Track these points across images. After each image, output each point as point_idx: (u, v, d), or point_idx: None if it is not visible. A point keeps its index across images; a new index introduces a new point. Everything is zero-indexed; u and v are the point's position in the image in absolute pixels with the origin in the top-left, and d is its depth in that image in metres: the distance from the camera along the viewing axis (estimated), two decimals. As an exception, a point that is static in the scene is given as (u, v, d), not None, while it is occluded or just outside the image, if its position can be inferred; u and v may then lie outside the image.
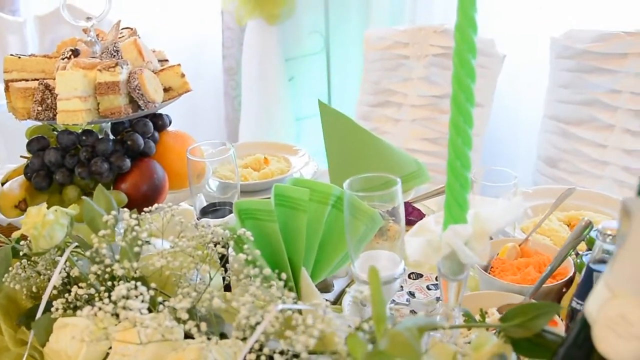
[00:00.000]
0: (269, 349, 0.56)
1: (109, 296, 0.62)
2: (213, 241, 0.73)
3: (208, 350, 0.59)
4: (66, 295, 0.73)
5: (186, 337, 0.64)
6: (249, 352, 0.55)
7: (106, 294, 0.65)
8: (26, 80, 1.06)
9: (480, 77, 2.10)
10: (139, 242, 0.71)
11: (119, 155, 1.03)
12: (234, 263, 0.70)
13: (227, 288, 0.81)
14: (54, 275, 0.75)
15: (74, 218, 0.83)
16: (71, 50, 1.02)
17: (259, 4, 2.60)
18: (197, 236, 0.74)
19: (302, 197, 0.80)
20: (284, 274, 0.67)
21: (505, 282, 0.89)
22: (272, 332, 0.57)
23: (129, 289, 0.61)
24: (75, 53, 1.02)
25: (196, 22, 2.98)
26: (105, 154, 1.02)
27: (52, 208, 0.78)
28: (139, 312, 0.60)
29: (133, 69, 1.01)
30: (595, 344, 0.44)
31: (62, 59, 1.02)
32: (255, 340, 0.55)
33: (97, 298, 0.68)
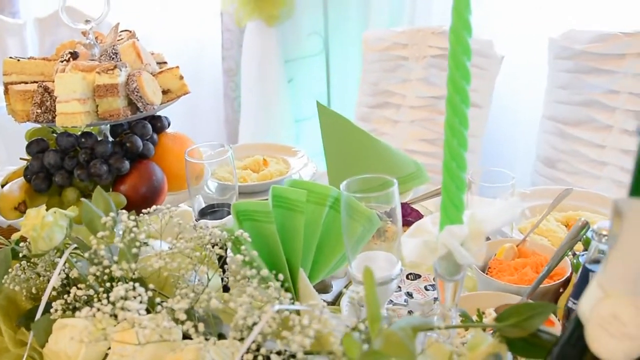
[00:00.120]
0: (266, 349, 0.56)
1: (108, 297, 0.62)
2: (211, 242, 0.74)
3: (206, 350, 0.60)
4: (65, 296, 0.73)
5: (184, 338, 0.65)
6: (246, 352, 0.55)
7: (105, 295, 0.65)
8: (25, 82, 1.06)
9: (478, 78, 2.11)
10: (137, 244, 0.71)
11: (118, 157, 1.03)
12: (232, 264, 0.71)
13: (226, 289, 0.81)
14: (53, 276, 0.75)
15: (73, 220, 0.84)
16: (70, 52, 1.03)
17: (258, 6, 2.60)
18: (195, 237, 0.74)
19: (300, 199, 0.81)
20: (281, 275, 0.67)
21: (502, 283, 0.89)
22: (269, 333, 0.57)
23: (127, 290, 0.61)
24: (74, 56, 1.02)
25: (196, 24, 2.99)
26: (104, 156, 1.02)
27: (51, 210, 0.79)
28: (137, 313, 0.60)
29: (132, 72, 1.01)
30: (588, 343, 0.45)
31: (61, 62, 1.03)
32: (252, 340, 0.55)
33: (96, 299, 0.69)
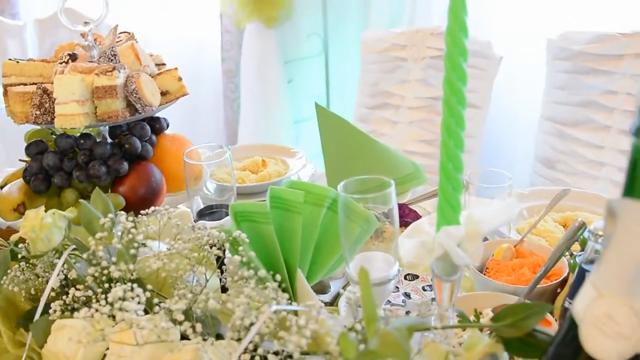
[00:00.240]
0: (264, 350, 0.57)
1: (106, 298, 0.63)
2: (209, 243, 0.74)
3: (204, 351, 0.60)
4: (64, 297, 0.73)
5: (182, 338, 0.65)
6: (244, 353, 0.56)
7: (103, 296, 0.65)
8: (24, 84, 1.07)
9: (477, 79, 2.11)
10: (135, 245, 0.71)
11: (117, 158, 1.04)
12: (230, 265, 0.71)
13: (224, 290, 0.81)
14: (52, 277, 0.75)
15: (72, 221, 0.84)
16: (69, 54, 1.03)
17: (257, 7, 2.61)
18: (194, 238, 0.74)
19: (298, 200, 0.81)
20: (279, 276, 0.67)
21: (500, 283, 0.89)
22: (267, 333, 0.57)
23: (125, 291, 0.62)
24: (73, 57, 1.03)
25: (195, 25, 2.99)
26: (103, 158, 1.03)
27: (50, 211, 0.79)
28: (135, 314, 0.61)
29: (130, 73, 1.01)
30: (582, 343, 0.45)
31: (60, 63, 1.03)
32: (249, 340, 0.55)
33: (95, 300, 0.69)
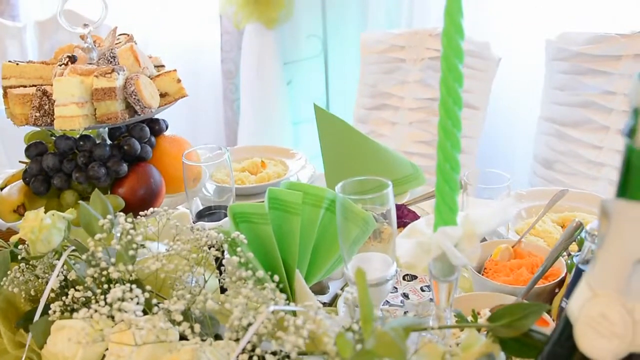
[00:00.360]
0: (262, 350, 0.57)
1: (105, 299, 0.63)
2: (208, 244, 0.74)
3: (202, 351, 0.60)
4: (63, 298, 0.73)
5: (181, 339, 0.66)
6: (242, 353, 0.56)
7: (102, 297, 0.66)
8: (24, 86, 1.07)
9: (475, 80, 2.11)
10: (134, 246, 0.72)
11: (116, 160, 1.04)
12: (228, 265, 0.71)
13: (223, 290, 0.82)
14: (52, 278, 0.76)
15: (72, 222, 0.85)
16: (68, 56, 1.04)
17: (257, 8, 2.61)
18: (192, 239, 0.75)
19: (296, 201, 0.81)
20: (277, 276, 0.68)
21: (497, 283, 0.90)
22: (265, 333, 0.58)
23: (124, 292, 0.62)
24: (72, 59, 1.03)
25: (195, 27, 3.00)
26: (102, 159, 1.03)
27: (50, 212, 0.79)
28: (134, 314, 0.61)
29: (129, 75, 1.02)
30: (577, 342, 0.45)
31: (60, 66, 1.03)
32: (247, 341, 0.56)
33: (94, 301, 0.69)
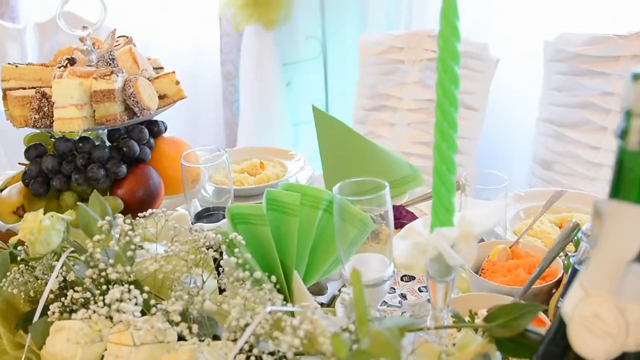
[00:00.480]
0: (259, 350, 0.57)
1: (104, 299, 0.63)
2: (206, 245, 0.75)
3: (200, 351, 0.61)
4: (62, 299, 0.74)
5: (180, 339, 0.66)
6: (239, 353, 0.56)
7: (101, 298, 0.66)
8: (24, 88, 1.08)
9: (474, 81, 2.11)
10: (132, 247, 0.72)
11: (115, 161, 1.04)
12: (226, 266, 0.72)
13: (222, 291, 0.82)
14: (51, 279, 0.76)
15: (71, 223, 0.85)
16: (67, 58, 1.04)
17: (256, 10, 2.61)
18: (191, 241, 0.75)
19: (293, 202, 0.82)
20: (274, 277, 0.68)
21: (495, 284, 0.90)
22: (262, 334, 0.58)
23: (123, 293, 0.62)
24: (71, 62, 1.03)
25: (194, 29, 3.00)
26: (101, 161, 1.03)
27: (49, 214, 0.80)
28: (132, 315, 0.61)
29: (128, 77, 1.02)
30: (570, 342, 0.46)
31: (59, 68, 1.04)
32: (245, 341, 0.56)
33: (93, 301, 0.70)
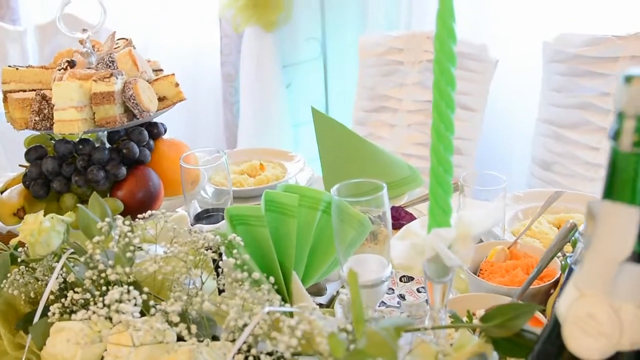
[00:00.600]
0: (257, 350, 0.58)
1: (103, 300, 0.64)
2: (205, 246, 0.75)
3: (199, 351, 0.61)
4: (63, 300, 0.74)
5: (180, 340, 0.66)
6: (237, 353, 0.57)
7: (100, 299, 0.66)
8: (24, 90, 1.08)
9: (473, 82, 2.11)
10: (131, 248, 0.73)
11: (115, 163, 1.05)
12: (225, 267, 0.72)
13: (222, 292, 0.82)
14: (51, 280, 0.76)
15: (71, 225, 0.85)
16: (67, 61, 1.05)
17: (256, 12, 2.62)
18: (190, 242, 0.76)
19: (292, 203, 0.82)
20: (272, 278, 0.69)
21: (493, 284, 0.90)
22: (260, 334, 0.59)
23: (122, 293, 0.63)
24: (71, 64, 1.04)
25: (194, 30, 3.01)
26: (101, 163, 1.04)
27: (49, 215, 0.80)
28: (132, 316, 0.62)
29: (128, 79, 1.03)
30: (565, 342, 0.46)
31: (59, 70, 1.04)
32: (243, 341, 0.56)
33: (92, 302, 0.70)
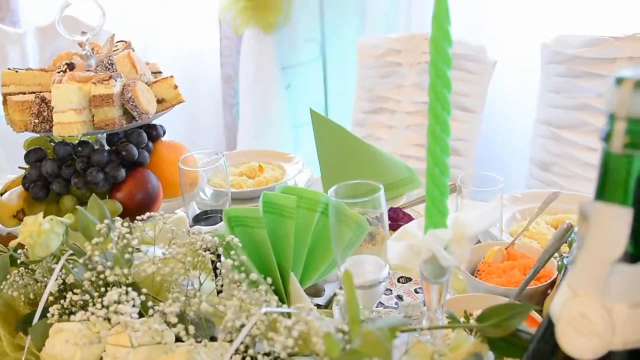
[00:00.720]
0: (254, 351, 0.58)
1: (102, 301, 0.64)
2: (203, 248, 0.76)
3: (196, 352, 0.61)
4: (62, 301, 0.74)
5: (178, 341, 0.67)
6: (235, 353, 0.57)
7: (99, 300, 0.67)
8: (23, 93, 1.09)
9: (472, 83, 2.11)
10: (130, 250, 0.73)
11: (114, 165, 1.05)
12: (223, 268, 0.73)
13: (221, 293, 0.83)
14: (50, 282, 0.77)
15: (71, 227, 0.86)
16: (66, 63, 1.05)
17: (255, 13, 2.63)
18: (188, 243, 0.76)
19: (290, 204, 0.82)
20: (270, 279, 0.69)
21: (490, 285, 0.91)
22: (258, 335, 0.59)
23: (120, 294, 0.63)
24: (70, 67, 1.04)
25: (194, 32, 3.02)
26: (100, 165, 1.04)
27: (48, 217, 0.81)
28: (130, 317, 0.62)
29: (127, 82, 1.03)
30: (558, 341, 0.46)
31: (58, 73, 1.05)
32: (240, 342, 0.57)
33: (91, 303, 0.71)
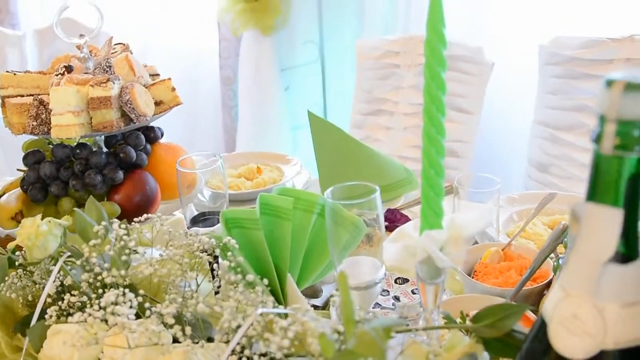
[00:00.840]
0: (250, 351, 0.58)
1: (99, 303, 0.65)
2: (200, 249, 0.76)
3: (193, 353, 0.62)
4: (60, 302, 0.75)
5: (175, 342, 0.67)
6: (231, 354, 0.58)
7: (97, 301, 0.67)
8: (22, 96, 1.09)
9: (469, 85, 2.11)
10: (127, 251, 0.73)
11: (112, 167, 1.06)
12: (220, 270, 0.73)
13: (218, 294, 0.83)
14: (48, 283, 0.77)
15: (68, 229, 0.86)
16: (65, 66, 1.06)
17: (254, 15, 2.63)
18: (185, 245, 0.76)
19: (287, 206, 0.83)
20: (266, 280, 0.69)
21: (487, 286, 0.91)
22: (254, 335, 0.59)
23: (118, 296, 0.64)
24: (68, 69, 1.05)
25: (193, 34, 3.02)
26: (98, 167, 1.05)
27: (46, 219, 0.81)
28: (127, 318, 0.63)
29: (125, 84, 1.04)
30: (551, 341, 0.47)
31: (56, 75, 1.05)
32: (236, 342, 0.57)
33: (89, 305, 0.71)
